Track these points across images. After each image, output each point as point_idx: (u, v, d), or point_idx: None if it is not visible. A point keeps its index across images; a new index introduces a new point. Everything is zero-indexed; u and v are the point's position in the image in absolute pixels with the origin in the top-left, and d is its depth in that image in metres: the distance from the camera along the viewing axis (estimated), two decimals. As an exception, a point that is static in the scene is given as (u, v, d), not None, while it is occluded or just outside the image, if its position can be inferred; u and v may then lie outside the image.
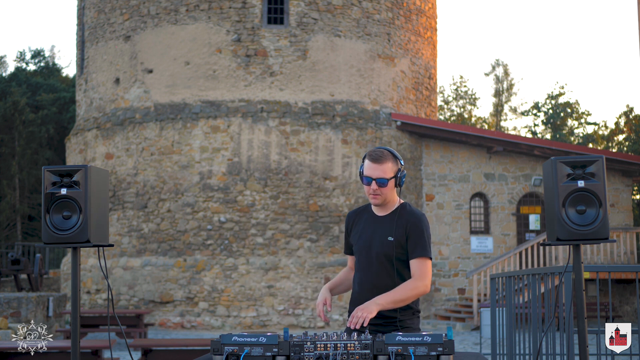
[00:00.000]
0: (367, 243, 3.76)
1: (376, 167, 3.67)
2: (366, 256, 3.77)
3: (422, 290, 3.65)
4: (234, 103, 17.08)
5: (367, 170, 3.69)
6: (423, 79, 19.78)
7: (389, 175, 3.68)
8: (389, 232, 3.73)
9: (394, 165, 3.71)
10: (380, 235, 3.74)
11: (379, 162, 3.67)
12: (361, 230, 3.82)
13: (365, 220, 3.83)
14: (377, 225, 3.78)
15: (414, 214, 3.77)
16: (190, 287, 16.69)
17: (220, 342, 3.11)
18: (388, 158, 3.69)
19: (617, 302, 18.60)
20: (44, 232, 3.43)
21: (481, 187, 18.91)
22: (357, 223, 3.85)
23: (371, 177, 3.67)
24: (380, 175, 3.66)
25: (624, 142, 39.07)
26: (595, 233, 3.36)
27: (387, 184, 3.68)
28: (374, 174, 3.67)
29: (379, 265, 3.74)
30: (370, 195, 3.72)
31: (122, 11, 18.25)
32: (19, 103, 30.65)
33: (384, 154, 3.69)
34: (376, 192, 3.69)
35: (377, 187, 3.68)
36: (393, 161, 3.70)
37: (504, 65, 43.92)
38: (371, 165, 3.68)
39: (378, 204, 3.76)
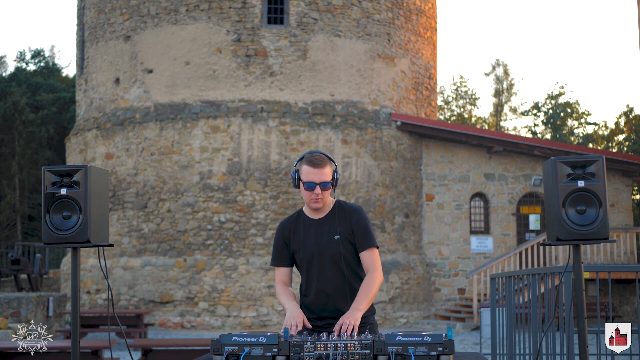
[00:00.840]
0: (315, 248, 3.76)
1: (318, 172, 3.68)
2: (318, 260, 3.77)
3: (380, 279, 3.73)
4: (234, 103, 17.08)
5: (308, 175, 3.69)
6: (423, 79, 19.78)
7: (329, 178, 3.71)
8: (334, 231, 3.75)
9: (332, 167, 3.74)
10: (326, 237, 3.75)
11: (320, 166, 3.69)
12: (303, 237, 3.81)
13: (304, 227, 3.82)
14: (319, 228, 3.79)
15: (354, 208, 3.81)
16: (190, 287, 16.69)
17: (220, 342, 3.12)
18: (327, 162, 3.73)
19: (617, 302, 18.60)
20: (44, 232, 3.43)
21: (481, 187, 18.91)
22: (295, 232, 3.83)
23: (314, 182, 3.68)
24: (322, 179, 3.69)
25: (624, 142, 39.07)
26: (595, 233, 3.36)
27: (329, 187, 3.72)
28: (316, 178, 3.68)
29: (332, 267, 3.76)
30: (312, 200, 3.72)
31: (122, 11, 18.25)
32: (19, 103, 30.64)
33: (323, 158, 3.72)
34: (319, 196, 3.71)
35: (320, 191, 3.69)
36: (330, 164, 3.75)
37: (504, 65, 43.93)
38: (312, 171, 3.68)
39: (319, 208, 3.76)
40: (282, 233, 3.85)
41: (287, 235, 3.84)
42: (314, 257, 3.78)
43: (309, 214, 3.84)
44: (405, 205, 18.18)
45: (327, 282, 3.77)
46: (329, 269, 3.77)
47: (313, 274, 3.80)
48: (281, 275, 3.88)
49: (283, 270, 3.88)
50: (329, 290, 3.77)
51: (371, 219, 17.47)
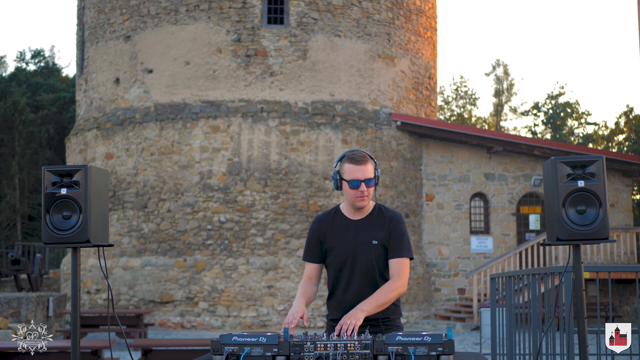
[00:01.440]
0: (351, 249, 3.70)
1: (361, 169, 3.63)
2: (351, 262, 3.71)
3: (401, 290, 3.63)
4: (234, 103, 17.08)
5: (352, 173, 3.63)
6: (423, 79, 19.78)
7: (373, 175, 3.66)
8: (372, 235, 3.69)
9: (373, 165, 3.69)
10: (363, 240, 3.70)
11: (362, 163, 3.63)
12: (339, 236, 3.73)
13: (341, 226, 3.75)
14: (357, 229, 3.72)
15: (395, 214, 3.75)
16: (190, 287, 16.69)
17: (220, 342, 3.12)
18: (368, 158, 3.67)
19: (617, 302, 18.60)
20: (44, 232, 3.43)
21: (481, 187, 18.91)
22: (331, 229, 3.76)
23: (359, 179, 3.62)
24: (367, 175, 3.63)
25: (624, 142, 39.07)
26: (595, 233, 3.36)
27: (373, 185, 3.65)
28: (361, 175, 3.62)
29: (364, 270, 3.70)
30: (357, 198, 3.65)
31: (122, 11, 18.25)
32: (19, 103, 30.64)
33: (364, 155, 3.66)
34: (365, 193, 3.64)
35: (366, 188, 3.64)
36: (371, 162, 3.69)
37: (504, 65, 43.92)
38: (356, 168, 3.63)
39: (364, 206, 3.70)
40: (318, 229, 3.77)
41: (323, 232, 3.76)
42: (348, 259, 3.70)
43: (347, 213, 3.76)
44: (405, 205, 18.18)
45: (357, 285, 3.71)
46: (361, 272, 3.70)
47: (344, 274, 3.73)
48: (309, 271, 3.80)
49: (312, 266, 3.80)
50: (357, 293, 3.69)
51: (371, 219, 17.44)
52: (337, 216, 3.77)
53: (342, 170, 3.67)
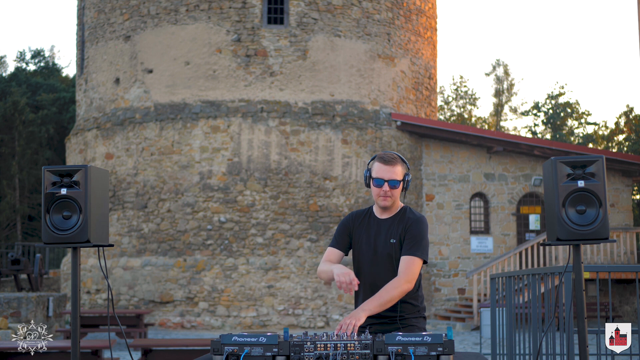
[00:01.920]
0: (371, 245, 3.81)
1: (388, 169, 3.73)
2: (371, 258, 3.81)
3: (405, 288, 3.66)
4: (234, 103, 17.08)
5: (379, 172, 3.74)
6: (423, 79, 19.78)
7: (400, 178, 3.75)
8: (392, 234, 3.78)
9: (403, 168, 3.78)
10: (383, 237, 3.79)
11: (391, 164, 3.73)
12: (365, 232, 3.85)
13: (368, 223, 3.86)
14: (380, 227, 3.82)
15: (417, 217, 3.83)
16: (190, 287, 16.69)
17: (220, 342, 3.12)
18: (398, 161, 3.76)
19: (617, 302, 18.60)
20: (44, 232, 3.43)
21: (481, 187, 18.91)
22: (361, 225, 3.87)
23: (383, 178, 3.73)
24: (392, 176, 3.73)
25: (624, 142, 39.06)
26: (595, 233, 3.36)
27: (398, 186, 3.74)
28: (385, 175, 3.73)
29: (382, 267, 3.79)
30: (380, 197, 3.76)
31: (122, 11, 18.25)
32: (19, 103, 30.64)
33: (394, 157, 3.76)
34: (387, 193, 3.74)
35: (389, 188, 3.73)
36: (402, 165, 3.78)
37: (504, 65, 43.90)
38: (383, 167, 3.73)
39: (388, 206, 3.79)
40: (351, 222, 3.88)
41: (354, 226, 3.87)
42: (370, 255, 3.81)
43: (376, 212, 3.87)
44: (406, 205, 18.16)
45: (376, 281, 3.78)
46: (380, 269, 3.79)
47: (365, 271, 3.83)
48: (329, 255, 3.87)
49: (334, 252, 3.87)
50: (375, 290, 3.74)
51: (371, 219, 17.44)
52: (368, 215, 3.90)
53: (372, 169, 3.79)
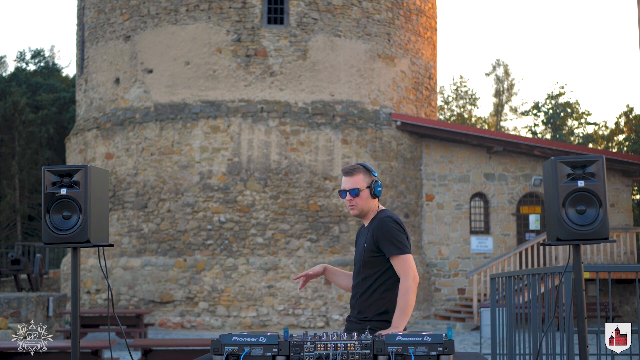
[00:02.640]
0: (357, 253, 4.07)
1: (348, 180, 3.93)
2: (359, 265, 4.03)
3: (412, 286, 3.78)
4: (234, 103, 17.08)
5: (342, 184, 3.97)
6: (423, 79, 19.78)
7: (362, 186, 3.91)
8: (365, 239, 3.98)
9: (366, 177, 3.94)
10: (361, 244, 4.02)
11: (350, 175, 3.94)
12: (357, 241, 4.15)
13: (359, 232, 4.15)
14: (362, 234, 4.06)
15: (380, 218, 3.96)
16: (190, 287, 16.69)
17: (220, 342, 3.12)
18: (359, 171, 3.94)
19: (617, 302, 18.60)
20: (44, 232, 3.43)
21: (481, 187, 18.91)
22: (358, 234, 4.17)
23: (345, 189, 3.93)
24: (352, 186, 3.92)
25: (624, 142, 39.06)
26: (595, 233, 3.36)
27: (360, 194, 3.90)
28: (346, 186, 3.93)
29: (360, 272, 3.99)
30: (348, 207, 3.98)
31: (122, 11, 18.25)
32: (19, 103, 30.63)
33: (355, 168, 3.96)
34: (351, 202, 3.94)
35: (351, 197, 3.91)
36: (365, 173, 3.95)
37: (505, 65, 43.90)
38: (344, 179, 3.96)
39: (356, 215, 4.00)
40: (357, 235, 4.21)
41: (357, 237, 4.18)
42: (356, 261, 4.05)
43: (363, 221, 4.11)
44: (405, 205, 18.18)
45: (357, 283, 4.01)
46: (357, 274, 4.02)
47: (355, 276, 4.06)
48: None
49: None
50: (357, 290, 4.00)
51: (371, 219, 17.44)
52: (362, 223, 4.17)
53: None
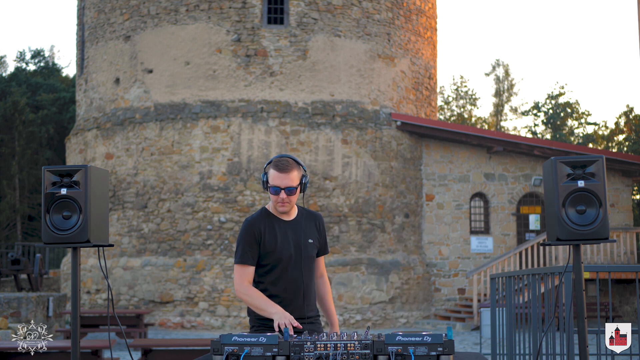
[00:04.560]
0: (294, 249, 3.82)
1: (284, 177, 3.75)
2: (295, 261, 3.82)
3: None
4: (234, 103, 17.08)
5: (274, 179, 3.76)
6: (423, 79, 19.78)
7: (296, 184, 3.78)
8: (308, 235, 3.87)
9: (299, 172, 3.80)
10: (303, 239, 3.84)
11: (285, 171, 3.75)
12: (276, 236, 3.82)
13: (276, 226, 3.84)
14: (292, 229, 3.85)
15: (320, 216, 3.99)
16: (190, 287, 16.69)
17: (220, 342, 3.12)
18: (293, 166, 3.78)
19: (617, 302, 18.60)
20: (44, 232, 3.43)
21: (481, 187, 18.90)
22: (268, 229, 3.83)
23: (279, 186, 3.75)
24: (288, 184, 3.75)
25: (624, 142, 39.06)
26: (595, 233, 3.36)
27: (295, 192, 3.78)
28: (282, 183, 3.75)
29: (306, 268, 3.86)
30: (278, 204, 3.78)
31: (122, 11, 18.25)
32: (19, 103, 30.63)
33: (289, 163, 3.77)
34: (284, 200, 3.77)
35: (285, 196, 3.76)
36: (298, 169, 3.79)
37: (505, 65, 43.91)
38: (278, 175, 3.74)
39: (286, 212, 3.83)
40: (254, 230, 3.80)
41: (260, 233, 3.81)
42: (290, 258, 3.81)
43: (277, 215, 3.88)
44: (405, 205, 18.18)
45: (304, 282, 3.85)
46: (298, 270, 3.83)
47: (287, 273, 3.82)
48: (249, 275, 3.81)
49: (251, 270, 3.82)
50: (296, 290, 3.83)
51: (371, 219, 17.48)
52: (270, 218, 3.86)
53: (268, 174, 3.80)
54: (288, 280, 3.82)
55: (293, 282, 3.83)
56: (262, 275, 3.84)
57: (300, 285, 3.83)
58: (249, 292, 3.76)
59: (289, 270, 3.82)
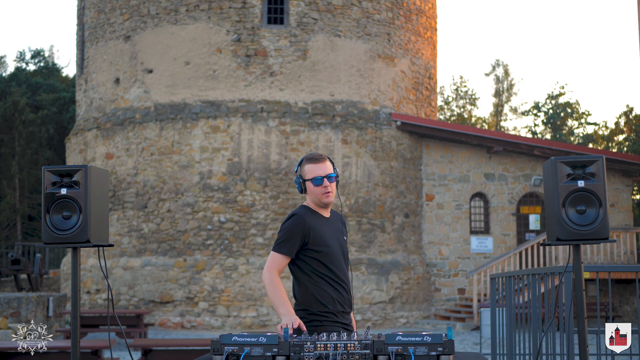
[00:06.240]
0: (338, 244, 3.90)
1: (321, 166, 3.81)
2: (339, 257, 3.90)
3: None
4: (234, 103, 17.08)
5: (314, 171, 3.80)
6: (423, 79, 19.78)
7: (333, 171, 3.85)
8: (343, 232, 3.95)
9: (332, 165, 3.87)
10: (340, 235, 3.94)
11: (321, 161, 3.82)
12: (323, 232, 3.85)
13: (321, 223, 3.88)
14: (331, 226, 3.91)
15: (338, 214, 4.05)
16: (190, 287, 16.69)
17: (220, 342, 3.12)
18: (326, 158, 3.87)
19: (617, 302, 18.60)
20: (44, 232, 3.43)
21: (481, 187, 18.90)
22: (314, 226, 3.84)
23: (321, 175, 3.79)
24: (328, 171, 3.81)
25: (624, 142, 39.05)
26: (595, 233, 3.36)
27: (334, 181, 3.84)
28: (322, 171, 3.79)
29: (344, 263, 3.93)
30: (323, 195, 3.81)
31: (122, 11, 18.25)
32: (19, 103, 30.63)
33: (322, 154, 3.87)
34: (328, 188, 3.81)
35: (329, 183, 3.80)
36: (330, 162, 3.88)
37: (504, 65, 43.90)
38: (316, 166, 3.80)
39: (331, 202, 3.87)
40: (303, 224, 3.80)
41: (309, 228, 3.81)
42: (335, 253, 3.87)
43: (319, 211, 3.91)
44: (405, 205, 18.17)
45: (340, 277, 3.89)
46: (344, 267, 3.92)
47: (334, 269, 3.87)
48: (280, 265, 3.81)
49: (285, 261, 3.83)
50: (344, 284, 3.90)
51: (371, 219, 17.49)
52: (314, 214, 3.89)
53: (304, 172, 3.83)
54: (335, 274, 3.87)
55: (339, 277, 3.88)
56: (314, 267, 3.85)
57: (345, 279, 3.90)
58: (273, 283, 3.77)
59: (335, 265, 3.87)
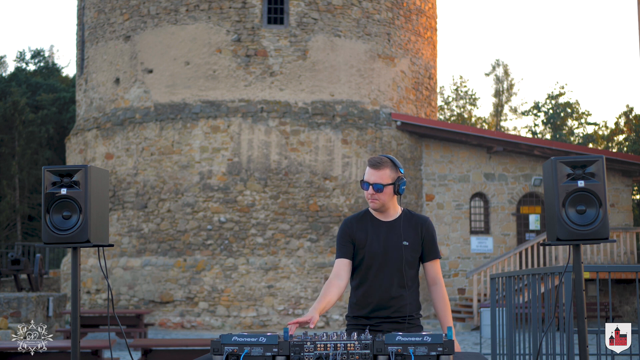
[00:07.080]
0: (382, 248, 3.83)
1: (373, 173, 3.78)
2: (381, 260, 3.83)
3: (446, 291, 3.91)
4: (234, 103, 17.08)
5: (366, 175, 3.80)
6: (423, 79, 19.78)
7: (386, 182, 3.77)
8: (404, 237, 3.83)
9: (393, 172, 3.80)
10: (395, 240, 3.82)
11: (376, 168, 3.78)
12: (370, 235, 3.85)
13: (372, 225, 3.87)
14: (389, 230, 3.85)
15: (424, 218, 3.93)
16: (190, 287, 16.69)
17: (220, 342, 3.12)
18: (387, 165, 3.79)
19: (617, 302, 18.60)
20: (44, 232, 3.43)
21: (481, 187, 18.90)
22: (361, 229, 3.87)
23: (368, 182, 3.78)
24: (376, 180, 3.77)
25: (624, 142, 39.05)
26: (595, 233, 3.36)
27: (384, 190, 3.78)
28: (370, 179, 3.78)
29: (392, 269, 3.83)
30: (368, 200, 3.83)
31: (122, 11, 18.25)
32: (19, 103, 30.62)
33: (382, 161, 3.79)
34: (373, 197, 3.79)
35: (373, 192, 3.77)
36: (392, 168, 3.80)
37: (504, 65, 43.89)
38: (369, 171, 3.80)
39: (376, 208, 3.85)
40: (348, 229, 3.88)
41: (352, 231, 3.87)
42: (379, 257, 3.83)
43: (375, 215, 3.91)
44: (405, 205, 18.17)
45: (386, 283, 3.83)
46: (389, 270, 3.83)
47: (372, 273, 3.85)
48: (340, 266, 3.84)
49: (343, 262, 3.85)
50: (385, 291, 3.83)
51: (371, 219, 17.48)
52: (367, 217, 3.91)
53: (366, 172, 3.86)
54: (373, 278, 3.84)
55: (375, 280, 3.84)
56: (356, 271, 3.89)
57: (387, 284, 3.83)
58: (324, 287, 3.81)
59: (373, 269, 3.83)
